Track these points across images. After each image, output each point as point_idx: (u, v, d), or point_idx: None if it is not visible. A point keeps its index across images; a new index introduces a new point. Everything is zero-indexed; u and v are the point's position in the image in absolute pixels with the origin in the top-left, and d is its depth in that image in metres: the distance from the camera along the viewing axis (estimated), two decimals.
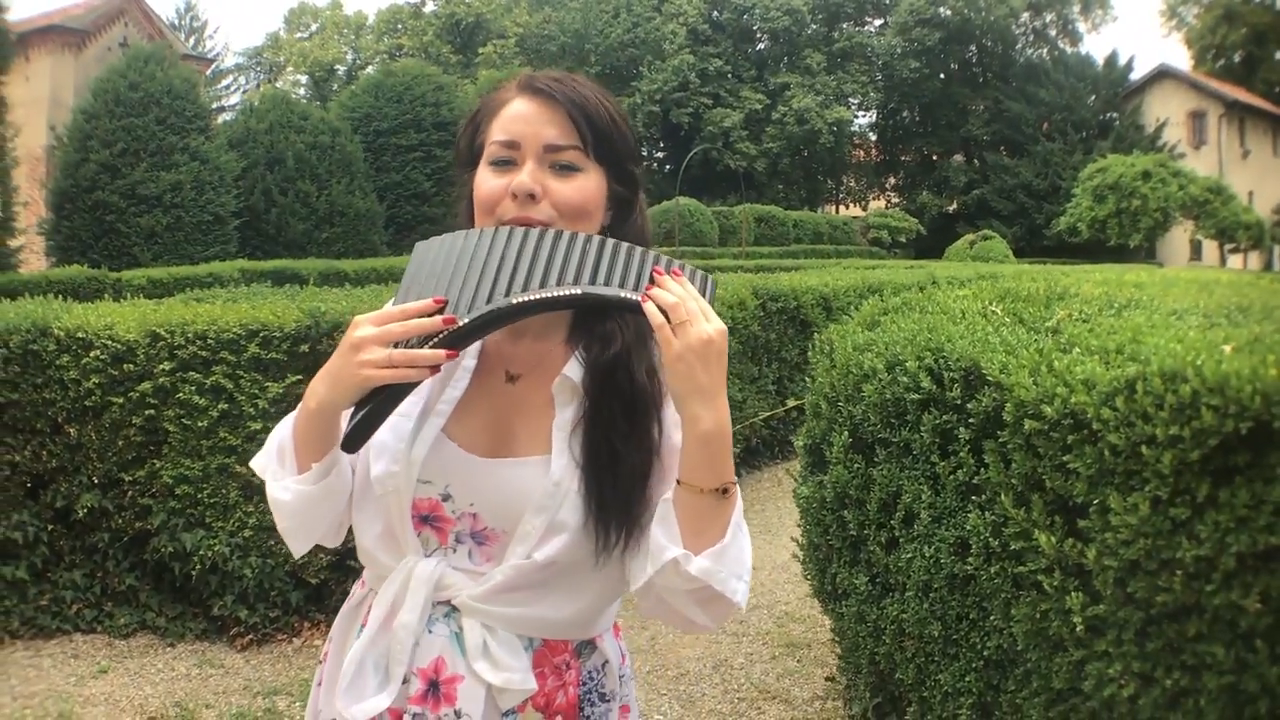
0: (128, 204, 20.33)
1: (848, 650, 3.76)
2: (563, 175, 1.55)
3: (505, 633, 1.56)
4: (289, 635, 4.94)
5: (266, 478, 1.61)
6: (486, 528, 1.57)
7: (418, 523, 1.58)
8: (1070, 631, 2.43)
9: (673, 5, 49.12)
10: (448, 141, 26.60)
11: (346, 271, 15.58)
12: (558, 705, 1.59)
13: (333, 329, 4.78)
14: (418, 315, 1.42)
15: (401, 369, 1.39)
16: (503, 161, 1.56)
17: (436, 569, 1.56)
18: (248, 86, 59.15)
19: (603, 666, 1.68)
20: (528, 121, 1.55)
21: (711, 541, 1.44)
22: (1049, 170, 45.42)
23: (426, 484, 1.56)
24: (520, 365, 1.62)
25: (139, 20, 34.75)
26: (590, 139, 1.55)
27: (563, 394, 1.56)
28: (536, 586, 1.55)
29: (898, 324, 3.59)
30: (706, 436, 1.40)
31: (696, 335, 1.36)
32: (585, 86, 1.60)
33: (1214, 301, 3.44)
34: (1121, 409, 2.23)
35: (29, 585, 4.94)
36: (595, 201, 1.57)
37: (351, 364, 1.41)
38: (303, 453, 1.54)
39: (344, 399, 1.45)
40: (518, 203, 1.52)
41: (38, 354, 4.86)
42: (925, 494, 3.04)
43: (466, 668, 1.54)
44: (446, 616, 1.57)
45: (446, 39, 52.13)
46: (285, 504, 1.57)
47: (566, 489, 1.52)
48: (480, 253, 1.45)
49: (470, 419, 1.59)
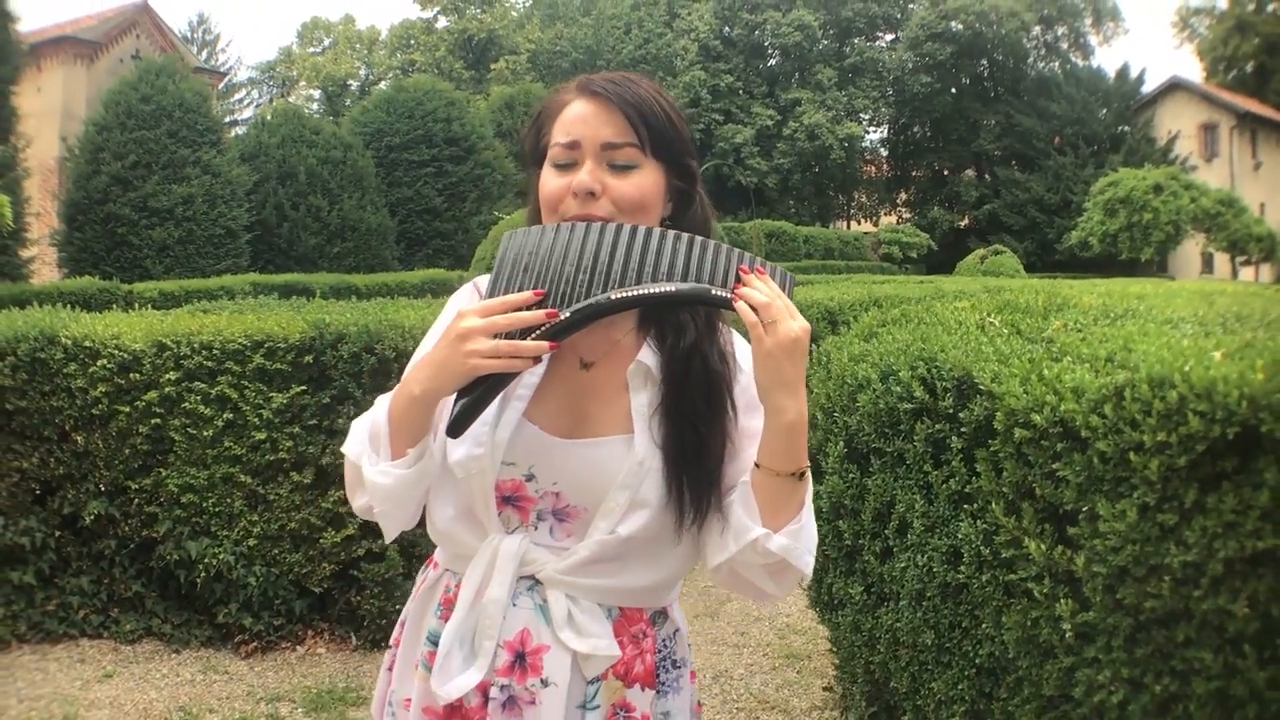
0: (139, 216, 20.47)
1: (844, 660, 3.77)
2: (621, 173, 1.63)
3: (588, 602, 1.65)
4: (292, 643, 4.97)
5: (363, 463, 1.65)
6: (568, 505, 1.66)
7: (500, 503, 1.66)
8: (1060, 638, 2.44)
9: (684, 22, 49.21)
10: (459, 157, 26.73)
11: (358, 286, 15.63)
12: (636, 673, 1.69)
13: (336, 340, 4.80)
14: (519, 307, 1.50)
15: (506, 359, 1.48)
16: (564, 162, 1.65)
17: (521, 545, 1.65)
18: (260, 100, 59.38)
19: (674, 634, 1.79)
20: (586, 122, 1.63)
21: (788, 520, 1.56)
22: (1060, 184, 45.33)
23: (510, 465, 1.64)
24: (593, 353, 1.70)
25: (151, 33, 34.94)
26: (646, 136, 1.63)
27: (637, 379, 1.66)
28: (617, 559, 1.65)
29: (893, 335, 3.60)
30: (790, 426, 1.50)
31: (785, 333, 1.46)
32: (641, 86, 1.67)
33: (1213, 311, 3.44)
34: (1110, 416, 2.24)
35: (36, 590, 4.98)
36: (653, 196, 1.65)
37: (459, 353, 1.49)
38: (399, 438, 1.61)
39: (449, 387, 1.53)
40: (579, 200, 1.61)
41: (45, 362, 4.90)
42: (918, 503, 3.05)
43: (552, 637, 1.63)
44: (530, 590, 1.66)
45: (459, 55, 52.29)
46: (385, 488, 1.63)
47: (649, 467, 1.61)
48: (574, 248, 1.53)
49: (549, 403, 1.68)
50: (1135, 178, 35.92)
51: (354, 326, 4.84)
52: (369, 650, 4.94)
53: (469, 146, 27.11)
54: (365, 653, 4.93)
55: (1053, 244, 43.67)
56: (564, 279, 1.51)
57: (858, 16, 50.56)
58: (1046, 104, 47.47)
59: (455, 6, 54.17)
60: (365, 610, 4.92)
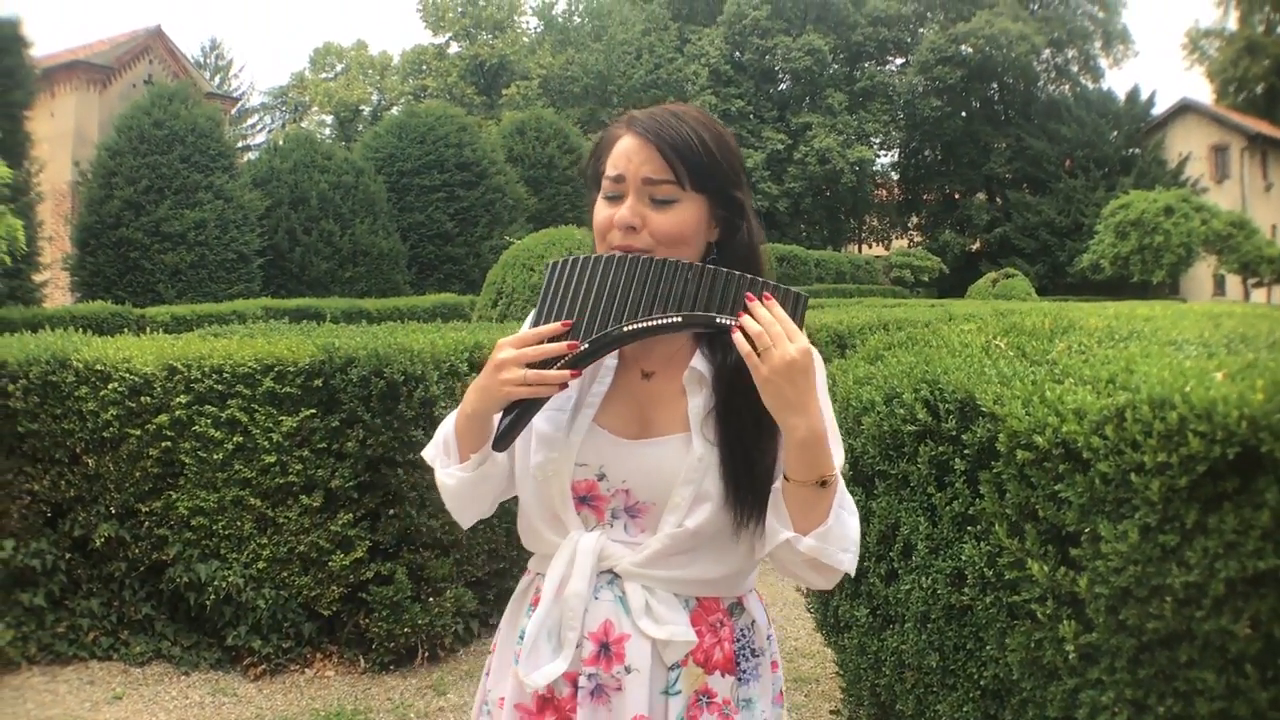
0: (152, 241, 20.53)
1: (850, 682, 3.76)
2: (661, 207, 1.76)
3: (664, 592, 1.79)
4: (301, 666, 4.98)
5: (435, 466, 1.89)
6: (638, 502, 1.80)
7: (577, 503, 1.82)
8: (1064, 660, 2.45)
9: (695, 47, 49.33)
10: (471, 182, 26.78)
11: (369, 311, 15.68)
12: (716, 660, 1.80)
13: (346, 364, 4.82)
14: (550, 337, 1.70)
15: (534, 386, 1.68)
16: (612, 194, 1.79)
17: (598, 541, 1.80)
18: (273, 125, 59.62)
19: (751, 625, 1.89)
20: (630, 159, 1.76)
21: (817, 523, 1.67)
22: (1071, 207, 45.27)
23: (583, 466, 1.81)
24: (653, 364, 1.85)
25: (164, 58, 35.11)
26: (685, 173, 1.75)
27: (692, 384, 1.79)
28: (688, 552, 1.78)
29: (898, 358, 3.61)
30: (803, 442, 1.62)
31: (780, 358, 1.58)
32: (685, 123, 1.77)
33: (1219, 333, 3.44)
34: (1111, 437, 2.25)
35: (47, 612, 5.00)
36: (692, 229, 1.78)
37: (495, 382, 1.70)
38: (464, 446, 1.83)
39: (491, 409, 1.75)
40: (621, 233, 1.76)
41: (57, 385, 4.94)
42: (923, 525, 3.06)
43: (632, 626, 1.76)
44: (610, 584, 1.80)
45: (470, 80, 52.43)
46: (451, 488, 1.86)
47: (708, 463, 1.74)
48: (599, 280, 1.71)
49: (616, 409, 1.84)
50: (1146, 200, 35.86)
51: (363, 350, 4.86)
52: (377, 673, 4.94)
53: (480, 171, 27.16)
54: (374, 675, 4.93)
55: (1064, 267, 43.61)
56: (590, 311, 1.70)
57: (868, 41, 50.67)
58: (1057, 127, 47.46)
59: (467, 32, 54.37)
60: (374, 633, 4.92)
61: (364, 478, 4.90)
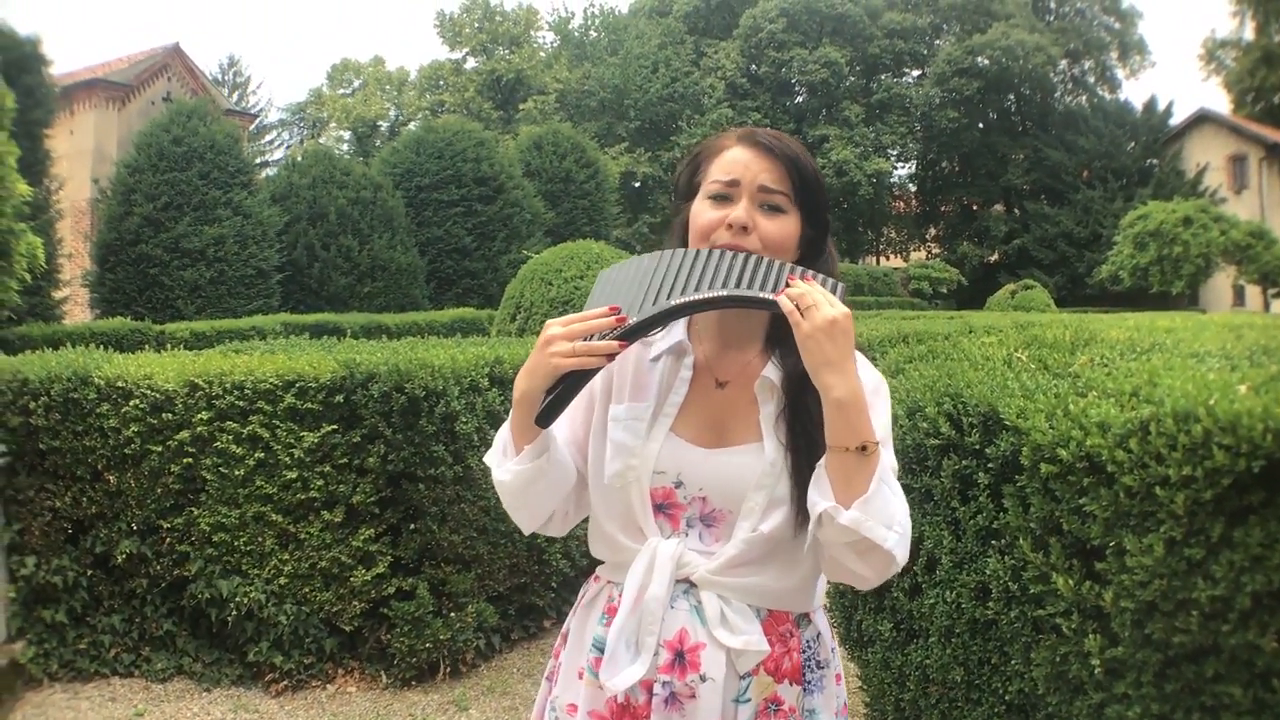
0: (171, 257, 20.58)
1: (874, 697, 3.74)
2: (770, 214, 1.84)
3: (738, 602, 1.83)
4: (323, 682, 4.98)
5: (492, 466, 1.91)
6: (715, 509, 1.85)
7: (654, 511, 1.87)
8: (1090, 674, 2.44)
9: (711, 60, 49.42)
10: (489, 196, 26.80)
11: (388, 325, 15.69)
12: (785, 670, 1.85)
13: (367, 380, 4.83)
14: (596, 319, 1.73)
15: (582, 357, 1.70)
16: (721, 196, 1.85)
17: (677, 548, 1.84)
18: (291, 142, 59.88)
19: (817, 638, 1.93)
20: (748, 166, 1.84)
21: (858, 494, 1.66)
22: (1090, 218, 45.12)
23: (661, 474, 1.86)
24: (726, 374, 1.91)
25: (182, 75, 35.26)
26: (798, 186, 1.85)
27: (764, 392, 1.85)
28: (761, 559, 1.82)
29: (920, 371, 3.60)
30: (840, 402, 1.64)
31: (822, 316, 1.64)
32: (795, 145, 1.88)
33: (1241, 344, 3.43)
34: (1135, 451, 2.24)
35: (68, 629, 5.02)
36: (793, 240, 1.86)
37: (544, 355, 1.73)
38: (518, 439, 1.85)
39: (541, 385, 1.76)
40: (732, 232, 1.81)
41: (78, 402, 4.96)
42: (947, 539, 3.05)
43: (708, 635, 1.80)
44: (686, 593, 1.84)
45: (487, 95, 52.57)
46: (506, 484, 1.88)
47: (780, 468, 1.80)
48: (648, 269, 1.77)
49: (692, 418, 1.89)
50: (1164, 211, 35.71)
51: (384, 366, 4.87)
52: (399, 689, 4.95)
53: (498, 186, 27.19)
54: (395, 691, 4.93)
55: (1083, 278, 43.44)
56: (638, 294, 1.74)
57: (884, 53, 50.63)
58: (1074, 138, 47.35)
59: (484, 47, 54.58)
60: (395, 648, 4.93)
61: (385, 493, 4.91)
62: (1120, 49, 53.25)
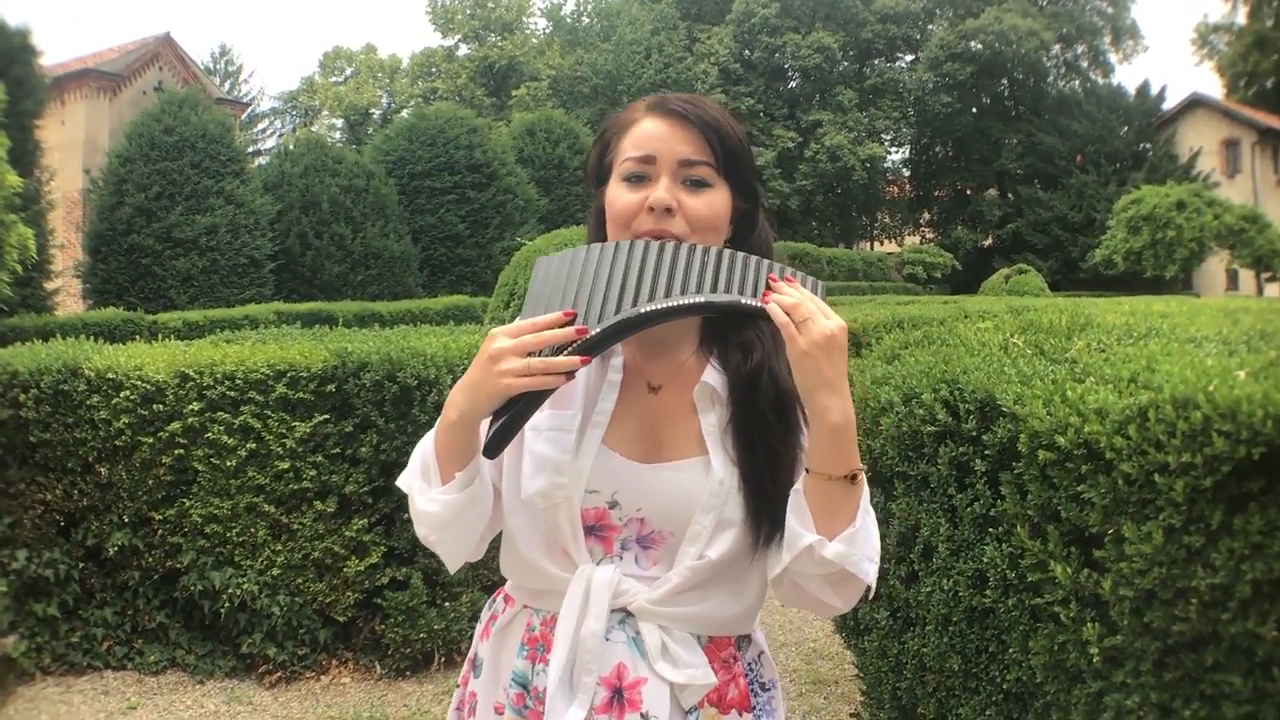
0: (163, 247, 20.61)
1: (871, 686, 3.73)
2: (694, 190, 1.62)
3: (680, 632, 1.63)
4: (317, 673, 4.96)
5: (413, 494, 1.66)
6: (654, 531, 1.64)
7: (585, 533, 1.64)
8: (1088, 663, 2.42)
9: (704, 45, 49.32)
10: (481, 184, 26.81)
11: (381, 313, 15.69)
12: (731, 699, 1.66)
13: (359, 369, 4.81)
14: (550, 327, 1.49)
15: (539, 376, 1.47)
16: (636, 176, 1.64)
17: (614, 575, 1.62)
18: (283, 130, 59.73)
19: (759, 657, 1.76)
20: (662, 139, 1.63)
21: (843, 526, 1.52)
22: (1083, 203, 45.13)
23: (594, 493, 1.63)
24: (660, 376, 1.69)
25: (173, 64, 35.22)
26: (721, 156, 1.63)
27: (704, 400, 1.64)
28: (706, 585, 1.62)
29: (916, 357, 3.57)
30: (835, 427, 1.47)
31: (819, 331, 1.45)
32: (713, 108, 1.66)
33: (1237, 329, 3.41)
34: (1134, 437, 2.22)
35: (60, 622, 4.99)
36: (723, 217, 1.65)
37: (491, 375, 1.49)
38: (446, 464, 1.61)
39: (485, 408, 1.52)
40: (654, 216, 1.60)
41: (68, 394, 4.92)
42: (943, 527, 3.02)
43: (649, 670, 1.60)
44: (622, 623, 1.62)
45: (480, 82, 52.48)
46: (434, 515, 1.63)
47: (730, 486, 1.59)
48: (604, 267, 1.53)
49: (624, 428, 1.66)
50: (1158, 195, 35.71)
51: (376, 355, 4.85)
52: (393, 679, 4.93)
53: (491, 173, 27.21)
54: (390, 682, 4.92)
55: (1077, 262, 43.48)
56: (597, 298, 1.51)
57: (877, 38, 50.58)
58: (1067, 122, 47.34)
59: (476, 34, 54.46)
60: (390, 639, 4.91)
61: (378, 483, 4.88)
62: (1113, 33, 53.21)
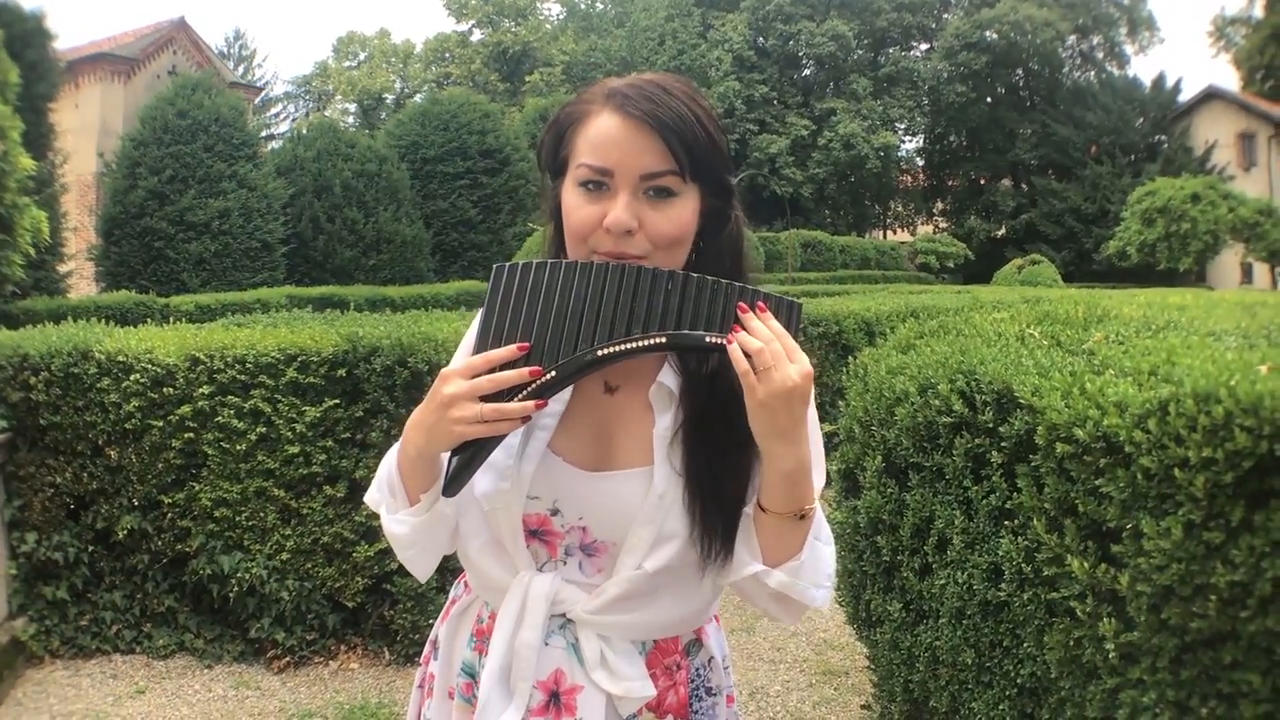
0: (176, 230, 20.62)
1: (882, 678, 3.71)
2: (658, 202, 1.51)
3: (620, 641, 1.61)
4: (325, 658, 4.95)
5: (381, 511, 1.66)
6: (596, 540, 1.61)
7: (527, 536, 1.62)
8: (1104, 659, 2.39)
9: (718, 33, 49.22)
10: (494, 169, 26.80)
11: (393, 298, 15.68)
12: (668, 705, 1.65)
13: (370, 354, 4.79)
14: (504, 363, 1.44)
15: (492, 423, 1.43)
16: (594, 183, 1.52)
17: (553, 585, 1.60)
18: (296, 115, 59.86)
19: (709, 662, 1.74)
20: (620, 147, 1.50)
21: (789, 556, 1.51)
22: (1097, 194, 44.99)
23: (535, 499, 1.60)
24: (617, 376, 1.63)
25: (187, 49, 35.25)
26: (687, 163, 1.51)
27: (660, 401, 1.59)
28: (648, 594, 1.60)
29: (931, 347, 3.54)
30: (788, 474, 1.45)
31: (780, 382, 1.38)
32: (677, 99, 1.52)
33: (1256, 323, 3.37)
34: (1154, 431, 2.18)
35: (69, 605, 4.99)
36: (690, 227, 1.55)
37: (444, 421, 1.45)
38: (410, 487, 1.59)
39: (440, 449, 1.51)
40: (612, 237, 1.50)
41: (79, 377, 4.91)
42: (958, 519, 3.00)
43: (585, 678, 1.59)
44: (561, 629, 1.61)
45: (493, 67, 52.52)
46: (403, 536, 1.62)
47: (671, 500, 1.55)
48: (564, 294, 1.46)
49: (574, 431, 1.62)
50: (1173, 187, 35.58)
51: (387, 340, 4.83)
52: (402, 665, 4.91)
53: (503, 159, 27.18)
54: (398, 668, 4.90)
55: (1090, 254, 43.37)
56: (554, 331, 1.45)
57: (892, 26, 50.47)
58: (1082, 113, 47.18)
59: (490, 19, 54.47)
60: (398, 625, 4.90)
61: None
62: (1129, 25, 52.99)
